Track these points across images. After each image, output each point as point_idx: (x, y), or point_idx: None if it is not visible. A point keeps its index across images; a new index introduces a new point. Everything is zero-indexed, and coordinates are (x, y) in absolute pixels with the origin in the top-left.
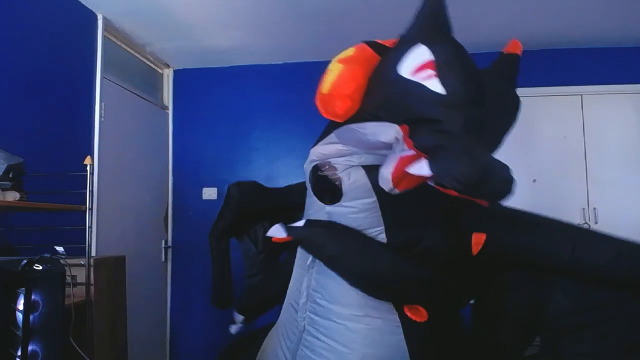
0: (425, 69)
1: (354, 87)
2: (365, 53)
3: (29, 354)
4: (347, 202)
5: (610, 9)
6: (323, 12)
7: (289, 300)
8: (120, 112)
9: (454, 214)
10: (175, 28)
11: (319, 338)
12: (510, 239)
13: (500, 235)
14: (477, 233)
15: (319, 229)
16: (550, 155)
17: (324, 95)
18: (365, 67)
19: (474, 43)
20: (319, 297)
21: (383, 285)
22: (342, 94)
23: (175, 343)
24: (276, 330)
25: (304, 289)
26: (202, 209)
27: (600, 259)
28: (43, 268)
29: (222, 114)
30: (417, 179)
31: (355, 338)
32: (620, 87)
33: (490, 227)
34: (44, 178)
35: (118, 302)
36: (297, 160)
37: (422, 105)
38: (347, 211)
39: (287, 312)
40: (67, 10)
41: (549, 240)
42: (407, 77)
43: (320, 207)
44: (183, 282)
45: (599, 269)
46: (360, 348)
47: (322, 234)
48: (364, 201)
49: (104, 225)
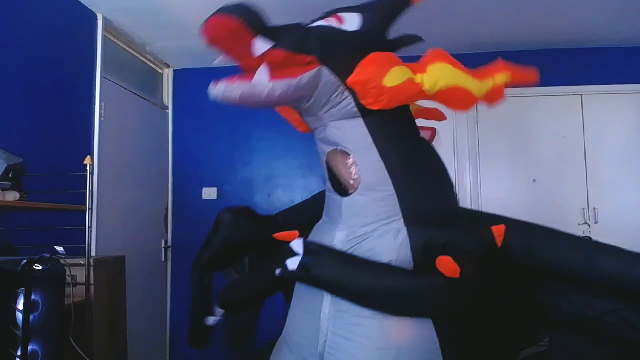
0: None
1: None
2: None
3: (29, 354)
4: (365, 192)
5: (611, 9)
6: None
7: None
8: (120, 112)
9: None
10: (175, 28)
11: (347, 338)
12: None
13: (517, 229)
14: (495, 226)
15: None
16: (550, 155)
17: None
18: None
19: (474, 43)
20: (343, 307)
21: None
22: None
23: (175, 343)
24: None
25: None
26: (202, 209)
27: (614, 266)
28: (43, 268)
29: (222, 113)
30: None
31: (387, 331)
32: (620, 87)
33: (507, 221)
34: (44, 178)
35: (118, 302)
36: (297, 160)
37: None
38: (364, 200)
39: (299, 323)
40: (67, 10)
41: (561, 244)
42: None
43: (336, 200)
44: (183, 282)
45: (612, 277)
46: (392, 341)
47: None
48: (381, 188)
49: (104, 225)
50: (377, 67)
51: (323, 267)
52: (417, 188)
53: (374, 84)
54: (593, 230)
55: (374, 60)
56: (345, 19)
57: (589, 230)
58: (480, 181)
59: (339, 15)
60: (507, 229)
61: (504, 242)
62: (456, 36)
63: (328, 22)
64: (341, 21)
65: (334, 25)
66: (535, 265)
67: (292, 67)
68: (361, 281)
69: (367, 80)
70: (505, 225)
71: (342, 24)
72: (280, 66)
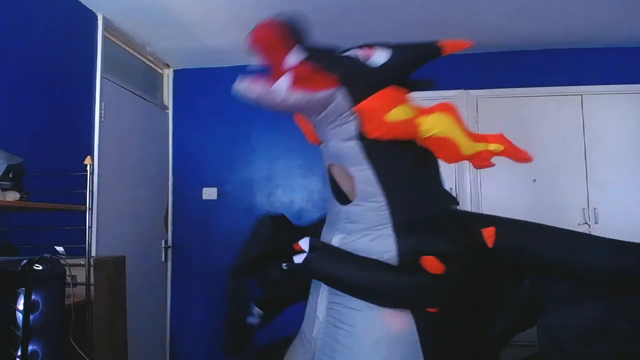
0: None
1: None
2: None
3: (29, 354)
4: (359, 202)
5: (611, 9)
6: (323, 12)
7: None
8: (120, 112)
9: (460, 220)
10: (175, 28)
11: (337, 326)
12: (514, 232)
13: (507, 228)
14: (485, 228)
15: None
16: (550, 155)
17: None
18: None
19: (474, 43)
20: (337, 293)
21: (387, 300)
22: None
23: (175, 343)
24: (295, 344)
25: (323, 285)
26: (202, 209)
27: (598, 257)
28: (43, 268)
29: (222, 114)
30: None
31: (370, 322)
32: (620, 87)
33: (496, 222)
34: (44, 178)
35: (118, 302)
36: (297, 161)
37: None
38: (359, 210)
39: (307, 310)
40: (67, 10)
41: (549, 239)
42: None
43: (336, 208)
44: (183, 282)
45: (597, 268)
46: (374, 331)
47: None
48: (373, 200)
49: (104, 225)
50: (385, 101)
51: (323, 262)
52: (407, 198)
53: (377, 115)
54: (593, 230)
55: (384, 94)
56: (375, 52)
57: (589, 230)
58: (480, 181)
59: (371, 47)
60: (497, 230)
61: (495, 242)
62: (456, 36)
63: (361, 52)
64: (371, 53)
65: (363, 55)
66: (526, 261)
67: (314, 82)
68: (356, 274)
69: (372, 110)
70: (494, 226)
71: (371, 56)
72: (304, 79)
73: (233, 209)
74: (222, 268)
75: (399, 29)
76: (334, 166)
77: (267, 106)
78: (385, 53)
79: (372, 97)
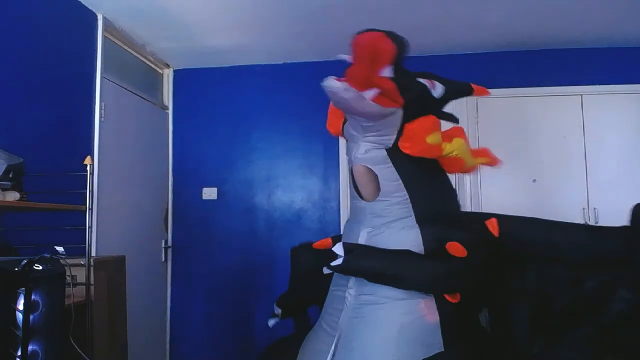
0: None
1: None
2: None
3: (29, 354)
4: (384, 197)
5: (611, 10)
6: (323, 12)
7: (333, 289)
8: (120, 112)
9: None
10: (175, 28)
11: (364, 313)
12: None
13: (506, 221)
14: (487, 220)
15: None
16: (550, 155)
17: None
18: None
19: (474, 43)
20: (366, 285)
21: (427, 286)
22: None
23: (175, 343)
24: (314, 331)
25: (353, 278)
26: (202, 209)
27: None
28: (43, 268)
29: (222, 114)
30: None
31: (397, 310)
32: (620, 87)
33: (495, 216)
34: (44, 178)
35: (118, 302)
36: (297, 160)
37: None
38: (384, 205)
39: (331, 302)
40: (67, 10)
41: (540, 228)
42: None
43: (361, 204)
44: (183, 282)
45: (581, 251)
46: (400, 318)
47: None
48: (397, 194)
49: (104, 225)
50: (428, 126)
51: (360, 260)
52: (426, 196)
53: (420, 136)
54: None
55: (429, 120)
56: (436, 86)
57: None
58: (480, 181)
59: (432, 81)
60: (498, 221)
61: (500, 232)
62: (456, 36)
63: (427, 82)
64: (433, 85)
65: (429, 85)
66: (523, 250)
67: (388, 98)
68: (392, 266)
69: (418, 131)
70: (496, 218)
71: (434, 88)
72: (384, 95)
73: (233, 209)
74: (222, 268)
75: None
76: (357, 167)
77: (344, 105)
78: (441, 88)
79: (420, 120)
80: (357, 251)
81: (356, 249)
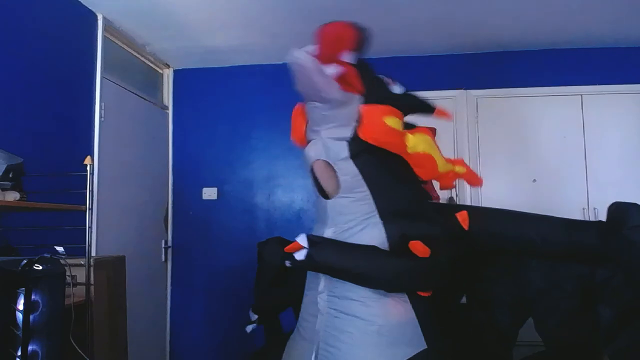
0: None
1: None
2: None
3: (29, 354)
4: (345, 194)
5: (610, 9)
6: (323, 12)
7: (306, 292)
8: (120, 112)
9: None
10: (175, 28)
11: (339, 317)
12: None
13: (476, 213)
14: (458, 212)
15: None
16: (550, 155)
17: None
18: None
19: (474, 43)
20: (336, 287)
21: (391, 285)
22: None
23: (175, 343)
24: (293, 339)
25: (322, 281)
26: (202, 209)
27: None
28: (43, 268)
29: (222, 114)
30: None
31: (372, 311)
32: (620, 87)
33: (468, 208)
34: (44, 178)
35: (118, 302)
36: (297, 160)
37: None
38: (346, 201)
39: (306, 308)
40: (67, 10)
41: (512, 221)
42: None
43: (323, 203)
44: (183, 282)
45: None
46: (377, 319)
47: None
48: (358, 190)
49: (104, 225)
50: (384, 109)
51: (323, 254)
52: (389, 190)
53: (376, 117)
54: None
55: (388, 107)
56: (396, 84)
57: None
58: None
59: (394, 81)
60: (469, 214)
61: (470, 225)
62: (456, 36)
63: (386, 79)
64: (392, 83)
65: (387, 81)
66: (495, 244)
67: (349, 84)
68: (356, 263)
69: (373, 113)
70: (467, 211)
71: (393, 85)
72: (345, 78)
73: (233, 209)
74: (222, 268)
75: (400, 28)
76: (317, 163)
77: (305, 79)
78: (400, 89)
79: (375, 104)
80: (322, 244)
81: (321, 242)
